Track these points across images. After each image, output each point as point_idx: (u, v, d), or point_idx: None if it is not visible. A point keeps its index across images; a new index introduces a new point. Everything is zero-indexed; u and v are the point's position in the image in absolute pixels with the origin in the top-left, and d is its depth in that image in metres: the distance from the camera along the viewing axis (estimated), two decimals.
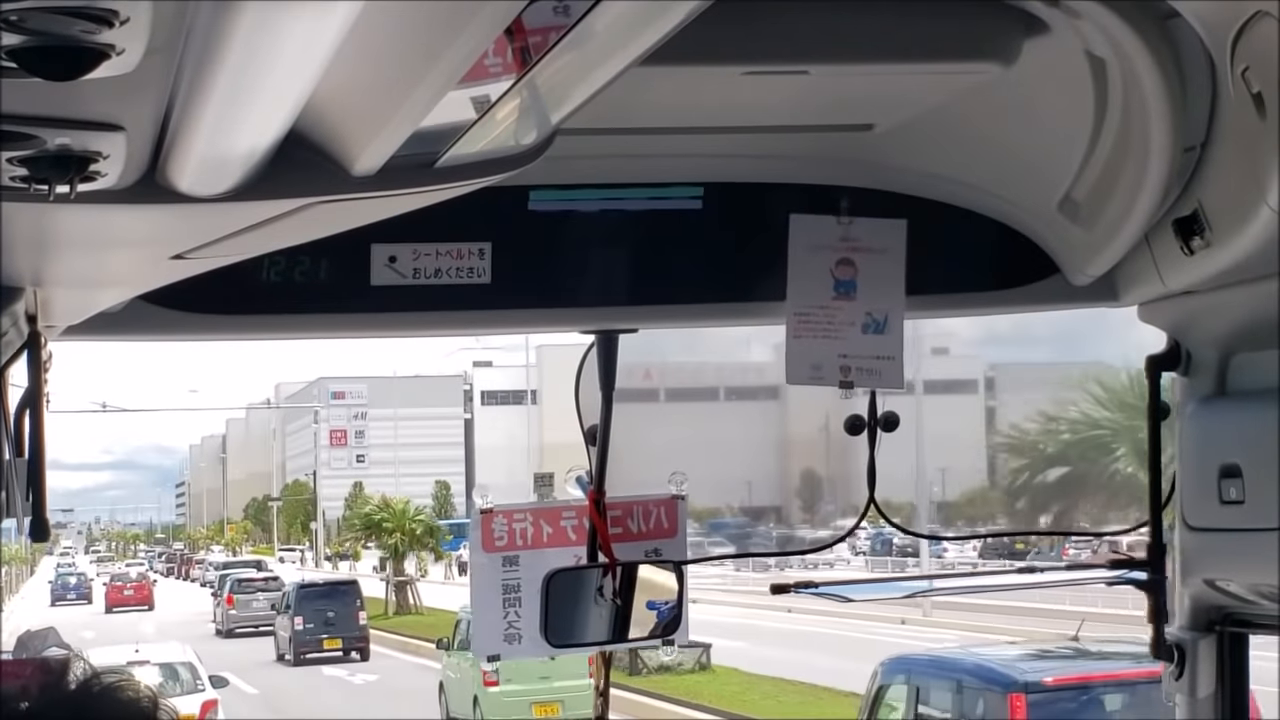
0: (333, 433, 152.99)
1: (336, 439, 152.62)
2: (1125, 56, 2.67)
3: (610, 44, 1.71)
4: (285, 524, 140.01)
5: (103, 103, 1.55)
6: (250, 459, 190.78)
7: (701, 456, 66.66)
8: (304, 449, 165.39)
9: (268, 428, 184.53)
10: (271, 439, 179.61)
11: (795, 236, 3.38)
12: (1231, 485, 2.99)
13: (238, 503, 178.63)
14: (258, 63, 1.48)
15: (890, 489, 3.89)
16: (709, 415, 79.70)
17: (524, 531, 3.93)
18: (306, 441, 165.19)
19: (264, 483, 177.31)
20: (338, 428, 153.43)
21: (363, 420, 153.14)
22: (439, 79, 1.64)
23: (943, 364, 73.79)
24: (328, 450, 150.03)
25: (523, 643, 3.88)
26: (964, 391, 78.11)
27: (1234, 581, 3.12)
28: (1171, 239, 2.92)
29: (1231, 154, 2.64)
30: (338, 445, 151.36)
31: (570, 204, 3.44)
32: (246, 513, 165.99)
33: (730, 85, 2.94)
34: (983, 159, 3.35)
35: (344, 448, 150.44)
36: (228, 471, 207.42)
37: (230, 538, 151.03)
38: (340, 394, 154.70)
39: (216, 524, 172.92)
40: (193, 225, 2.13)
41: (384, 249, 3.33)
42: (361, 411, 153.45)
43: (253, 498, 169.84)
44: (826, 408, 3.51)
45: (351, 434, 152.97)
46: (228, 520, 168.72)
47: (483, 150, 2.08)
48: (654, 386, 65.06)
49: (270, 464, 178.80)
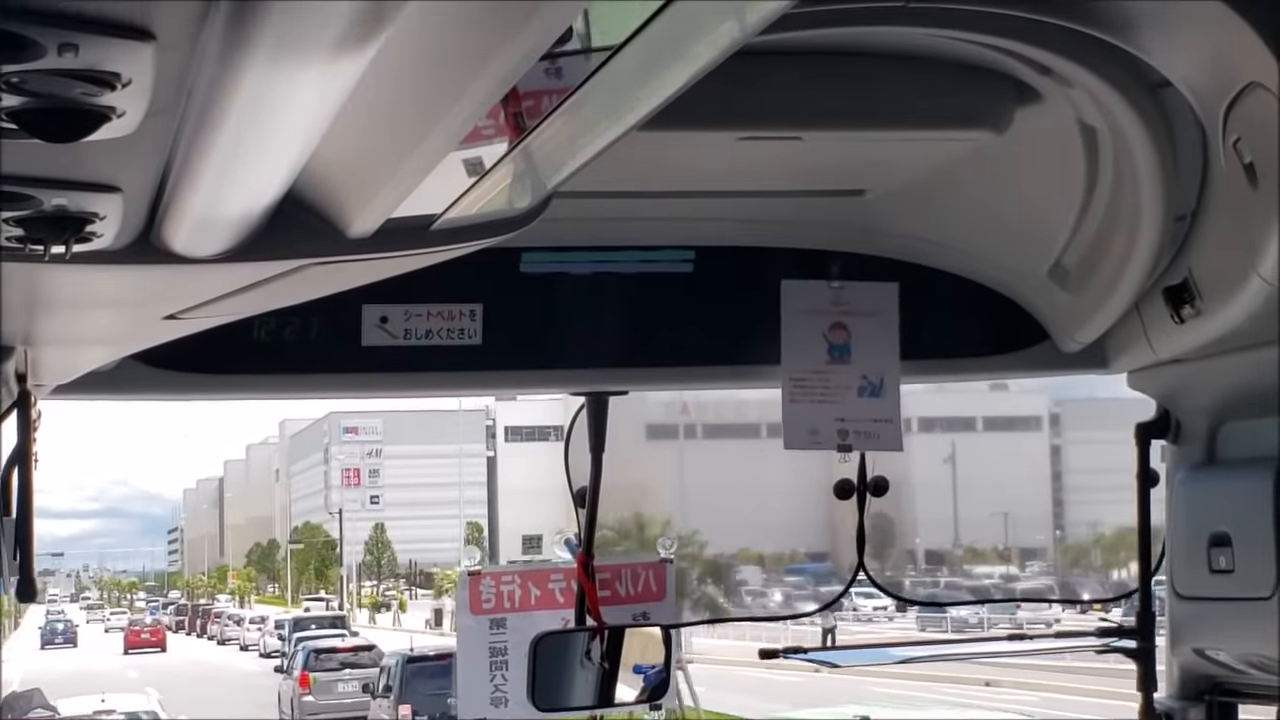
0: (345, 472, 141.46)
1: (349, 479, 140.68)
2: (1117, 125, 2.69)
3: (607, 110, 1.72)
4: (298, 570, 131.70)
5: (101, 164, 1.55)
6: (251, 502, 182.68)
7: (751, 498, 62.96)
8: (311, 490, 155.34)
9: (270, 468, 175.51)
10: (274, 481, 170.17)
11: (787, 301, 3.39)
12: (1221, 554, 2.98)
13: (237, 548, 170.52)
14: (258, 125, 1.48)
15: (975, 533, 3.81)
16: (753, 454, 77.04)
17: (511, 594, 3.91)
18: (314, 482, 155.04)
19: (266, 527, 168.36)
20: (350, 466, 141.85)
21: (377, 458, 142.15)
22: (437, 142, 1.64)
23: (1003, 399, 70.35)
24: (339, 491, 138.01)
25: (509, 706, 3.86)
26: (1026, 429, 73.81)
27: (1224, 651, 3.11)
28: (1162, 307, 2.93)
29: (1223, 223, 2.65)
30: (350, 485, 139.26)
31: (562, 266, 3.44)
32: (250, 559, 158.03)
33: (723, 150, 2.95)
34: (974, 225, 3.36)
35: (357, 488, 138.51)
36: (226, 516, 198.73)
37: (238, 586, 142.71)
38: (353, 429, 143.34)
39: (218, 571, 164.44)
40: (187, 286, 2.12)
41: (375, 309, 3.33)
42: (376, 449, 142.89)
43: (256, 543, 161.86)
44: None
45: (365, 473, 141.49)
46: (231, 567, 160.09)
47: (478, 213, 2.08)
48: (691, 423, 61.76)
49: (273, 507, 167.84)
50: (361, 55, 1.34)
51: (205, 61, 1.34)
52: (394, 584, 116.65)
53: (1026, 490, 68.72)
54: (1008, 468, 62.03)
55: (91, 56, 1.24)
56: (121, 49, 1.24)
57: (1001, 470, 63.51)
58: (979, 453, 70.47)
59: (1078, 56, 2.52)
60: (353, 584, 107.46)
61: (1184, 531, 3.16)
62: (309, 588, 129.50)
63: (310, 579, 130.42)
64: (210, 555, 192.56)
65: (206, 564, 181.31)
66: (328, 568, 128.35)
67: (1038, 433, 74.96)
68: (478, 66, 1.45)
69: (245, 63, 1.30)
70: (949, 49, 2.68)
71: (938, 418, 72.80)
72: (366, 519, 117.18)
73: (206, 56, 1.33)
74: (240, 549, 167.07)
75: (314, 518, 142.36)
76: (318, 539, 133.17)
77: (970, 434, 78.29)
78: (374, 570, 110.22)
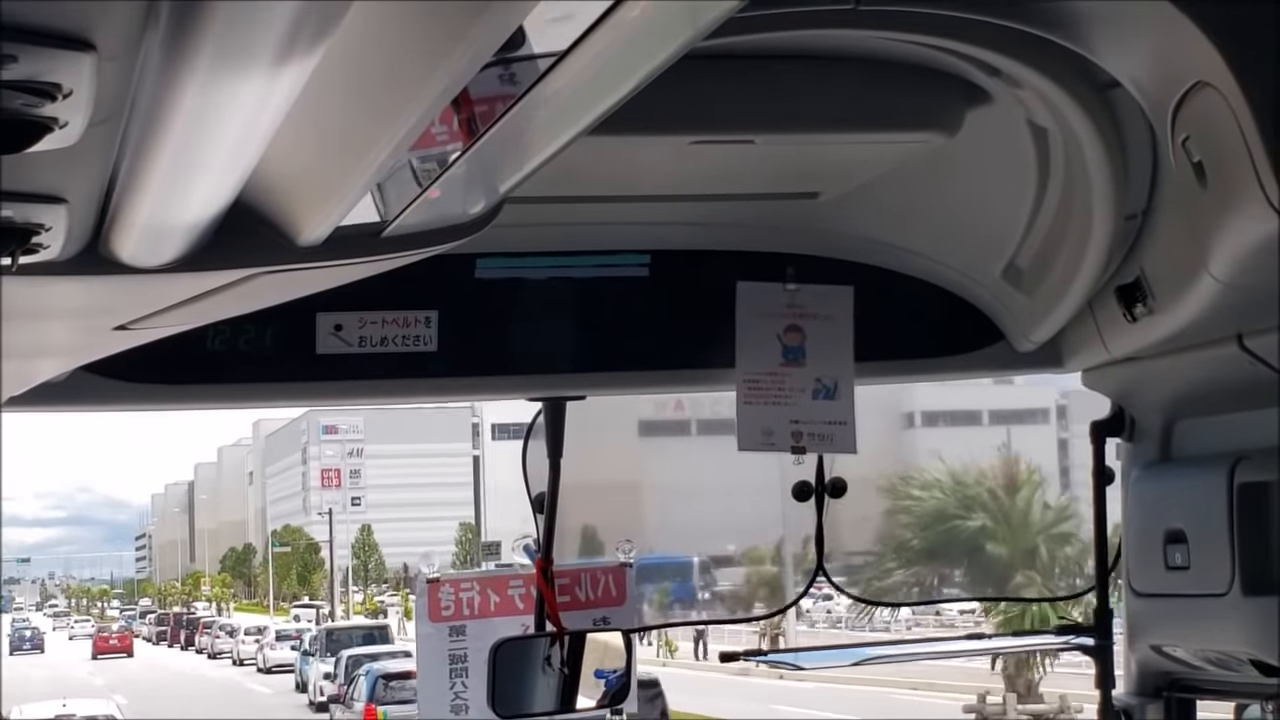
0: (324, 473, 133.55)
1: (329, 480, 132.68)
2: (1067, 126, 2.70)
3: (558, 114, 1.71)
4: (278, 576, 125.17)
5: (45, 175, 1.54)
6: (223, 506, 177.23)
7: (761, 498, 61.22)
8: (289, 492, 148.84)
9: (243, 471, 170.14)
10: (248, 484, 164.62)
11: (742, 304, 3.39)
12: (1177, 551, 3.00)
13: (209, 554, 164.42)
14: (201, 134, 1.47)
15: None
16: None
17: (470, 600, 3.90)
18: (292, 484, 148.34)
19: (239, 532, 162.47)
20: (330, 467, 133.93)
21: (358, 458, 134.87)
22: (386, 149, 1.64)
23: (1008, 391, 68.01)
24: (319, 493, 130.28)
25: (470, 712, 3.85)
26: (1033, 422, 70.13)
27: (1181, 647, 3.12)
28: (1114, 306, 2.94)
29: (1173, 222, 2.67)
30: (330, 487, 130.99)
31: (517, 271, 3.43)
32: (224, 565, 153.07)
33: (677, 154, 2.95)
34: (927, 227, 3.38)
35: (337, 489, 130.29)
36: (196, 520, 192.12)
37: (215, 592, 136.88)
38: (332, 429, 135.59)
39: (192, 577, 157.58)
40: (136, 296, 2.11)
41: (329, 317, 3.31)
42: (357, 449, 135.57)
43: (231, 548, 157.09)
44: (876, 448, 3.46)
45: (346, 474, 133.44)
46: (205, 574, 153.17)
47: (430, 219, 2.07)
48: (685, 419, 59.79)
49: (246, 511, 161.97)
50: (305, 63, 1.33)
51: (147, 71, 1.33)
52: (381, 589, 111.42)
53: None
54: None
55: (31, 67, 1.23)
56: (62, 60, 1.23)
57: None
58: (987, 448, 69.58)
59: (1026, 57, 2.53)
60: (339, 589, 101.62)
61: (1140, 529, 3.18)
62: (289, 593, 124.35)
63: (292, 584, 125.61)
64: (181, 561, 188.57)
65: (179, 571, 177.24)
66: (311, 573, 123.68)
67: (1045, 425, 73.97)
68: (425, 71, 1.45)
69: (187, 72, 1.30)
70: (899, 51, 2.69)
71: (941, 411, 71.72)
72: (349, 522, 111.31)
73: (148, 66, 1.32)
74: (212, 554, 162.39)
75: (293, 520, 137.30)
76: (299, 542, 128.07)
77: (976, 428, 77.34)
78: (362, 575, 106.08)
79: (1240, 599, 2.80)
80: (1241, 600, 2.80)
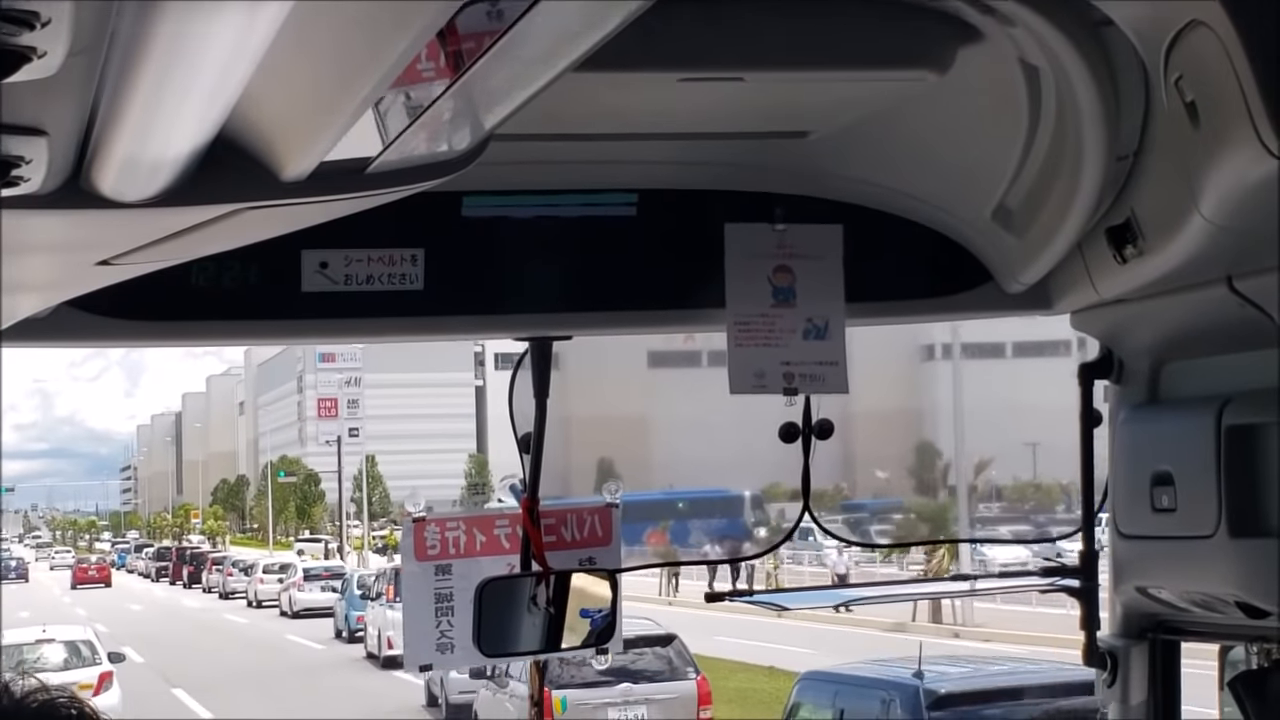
0: (321, 402, 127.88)
1: (325, 410, 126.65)
2: (1059, 64, 2.68)
3: (545, 49, 1.69)
4: (276, 509, 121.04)
5: (24, 107, 1.52)
6: (212, 437, 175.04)
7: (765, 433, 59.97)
8: (283, 422, 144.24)
9: (233, 401, 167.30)
10: (238, 414, 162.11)
11: (731, 245, 3.37)
12: (1163, 493, 3.00)
13: (199, 486, 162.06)
14: (183, 65, 1.45)
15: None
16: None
17: (457, 540, 3.90)
18: (286, 414, 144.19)
19: (228, 464, 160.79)
20: (326, 396, 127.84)
21: (356, 387, 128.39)
22: (371, 83, 1.62)
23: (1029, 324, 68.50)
24: (315, 423, 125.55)
25: (455, 652, 3.85)
26: (1054, 354, 66.95)
27: (1166, 589, 3.13)
28: (1104, 247, 2.93)
29: (1164, 163, 2.65)
30: (327, 417, 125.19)
31: (504, 210, 3.41)
32: (215, 497, 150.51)
33: (666, 91, 2.93)
34: (917, 167, 3.36)
35: (334, 419, 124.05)
36: (184, 452, 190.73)
37: (210, 525, 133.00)
38: (330, 357, 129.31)
39: (182, 509, 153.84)
40: (118, 231, 2.09)
41: (315, 255, 3.29)
42: (355, 377, 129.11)
43: (223, 479, 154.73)
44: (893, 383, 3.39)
45: (343, 404, 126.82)
46: (194, 506, 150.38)
47: (416, 155, 2.05)
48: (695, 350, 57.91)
49: (237, 442, 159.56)
50: None
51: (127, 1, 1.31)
52: (382, 524, 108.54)
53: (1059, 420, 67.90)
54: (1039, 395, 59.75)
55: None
56: None
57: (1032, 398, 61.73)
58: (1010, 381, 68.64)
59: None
60: (336, 523, 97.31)
61: (1126, 471, 3.18)
62: (288, 527, 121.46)
63: (290, 517, 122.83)
64: (167, 494, 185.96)
65: (170, 503, 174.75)
66: (311, 505, 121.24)
67: (1066, 358, 73.75)
68: (411, 3, 1.43)
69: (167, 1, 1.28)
70: None
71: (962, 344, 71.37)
72: (348, 453, 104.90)
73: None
74: (202, 486, 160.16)
75: (289, 451, 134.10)
76: (299, 473, 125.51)
77: (999, 361, 76.95)
78: (366, 508, 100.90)
79: (1227, 541, 2.81)
80: (1228, 542, 2.81)
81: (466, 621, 3.71)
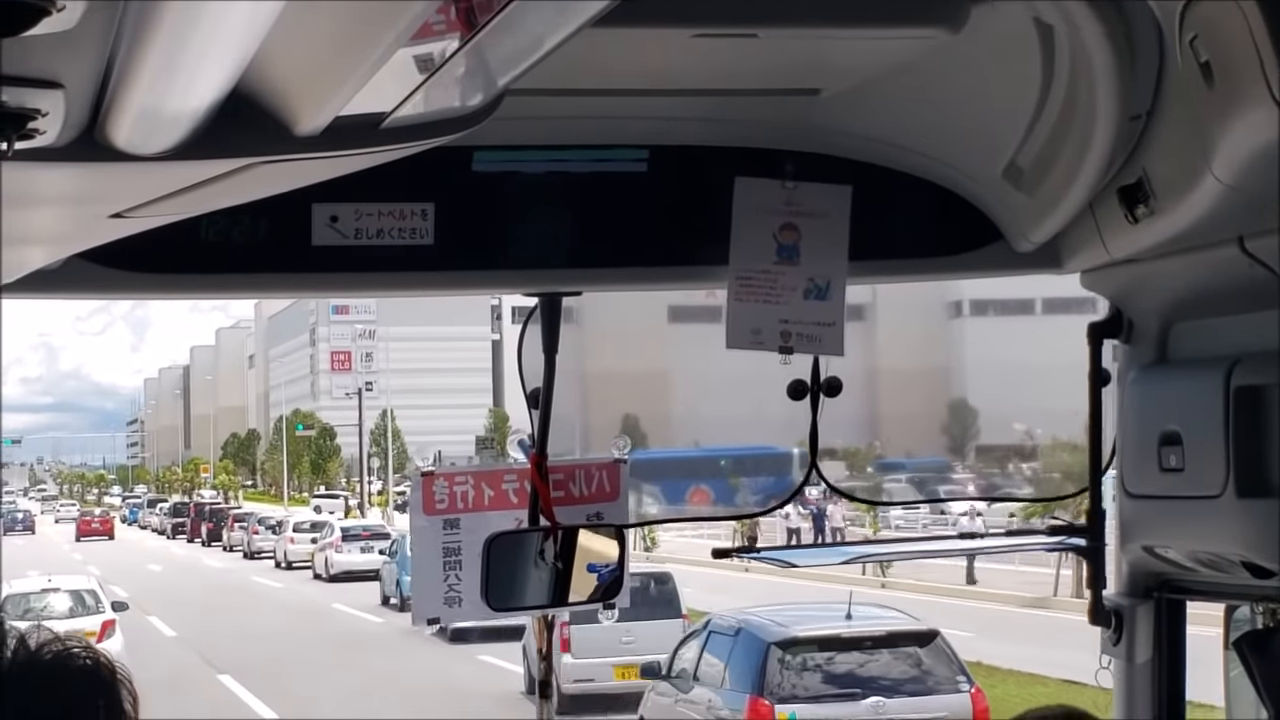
0: (334, 355, 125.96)
1: (339, 363, 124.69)
2: (1073, 23, 2.67)
3: (560, 6, 1.69)
4: (290, 464, 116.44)
5: (42, 60, 1.52)
6: (221, 391, 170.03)
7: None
8: (295, 375, 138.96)
9: (243, 354, 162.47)
10: (248, 367, 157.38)
11: (739, 199, 3.37)
12: (1171, 453, 3.00)
13: (208, 439, 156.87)
14: (200, 19, 1.45)
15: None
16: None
17: (465, 494, 3.91)
18: (297, 368, 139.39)
19: (237, 418, 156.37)
20: (340, 349, 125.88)
21: (370, 340, 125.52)
22: (386, 39, 1.62)
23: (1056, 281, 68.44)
24: (329, 376, 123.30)
25: (463, 606, 3.87)
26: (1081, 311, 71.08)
27: (1172, 548, 3.14)
28: (1116, 207, 2.93)
29: (1177, 123, 2.65)
30: (340, 370, 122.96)
31: (514, 165, 3.41)
32: (225, 451, 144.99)
33: (678, 47, 2.92)
34: (928, 125, 3.35)
35: (348, 373, 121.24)
36: (192, 406, 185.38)
37: (222, 480, 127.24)
38: (343, 309, 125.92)
39: (191, 463, 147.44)
40: (132, 184, 2.09)
41: (325, 208, 3.29)
42: (369, 330, 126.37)
43: (233, 433, 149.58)
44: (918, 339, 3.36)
45: (358, 357, 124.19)
46: (205, 460, 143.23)
47: (429, 111, 2.05)
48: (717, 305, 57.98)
49: (246, 396, 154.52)
50: None
51: None
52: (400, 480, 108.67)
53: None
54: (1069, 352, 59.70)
55: None
56: None
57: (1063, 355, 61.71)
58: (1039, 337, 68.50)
59: None
60: (357, 479, 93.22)
61: (1135, 430, 3.18)
62: (301, 483, 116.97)
63: (304, 472, 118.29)
64: (175, 448, 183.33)
65: (179, 457, 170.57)
66: (326, 460, 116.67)
67: (1093, 315, 73.73)
68: None
69: None
70: None
71: (991, 300, 69.43)
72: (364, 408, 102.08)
73: None
74: (211, 440, 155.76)
75: (302, 405, 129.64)
76: (314, 427, 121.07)
77: (1028, 317, 75.59)
78: (390, 463, 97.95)
79: (1234, 501, 2.81)
80: (1235, 502, 2.81)
81: (474, 575, 3.72)
